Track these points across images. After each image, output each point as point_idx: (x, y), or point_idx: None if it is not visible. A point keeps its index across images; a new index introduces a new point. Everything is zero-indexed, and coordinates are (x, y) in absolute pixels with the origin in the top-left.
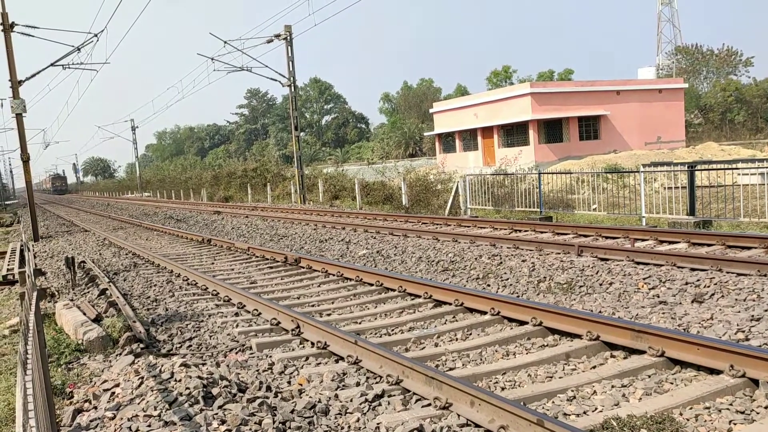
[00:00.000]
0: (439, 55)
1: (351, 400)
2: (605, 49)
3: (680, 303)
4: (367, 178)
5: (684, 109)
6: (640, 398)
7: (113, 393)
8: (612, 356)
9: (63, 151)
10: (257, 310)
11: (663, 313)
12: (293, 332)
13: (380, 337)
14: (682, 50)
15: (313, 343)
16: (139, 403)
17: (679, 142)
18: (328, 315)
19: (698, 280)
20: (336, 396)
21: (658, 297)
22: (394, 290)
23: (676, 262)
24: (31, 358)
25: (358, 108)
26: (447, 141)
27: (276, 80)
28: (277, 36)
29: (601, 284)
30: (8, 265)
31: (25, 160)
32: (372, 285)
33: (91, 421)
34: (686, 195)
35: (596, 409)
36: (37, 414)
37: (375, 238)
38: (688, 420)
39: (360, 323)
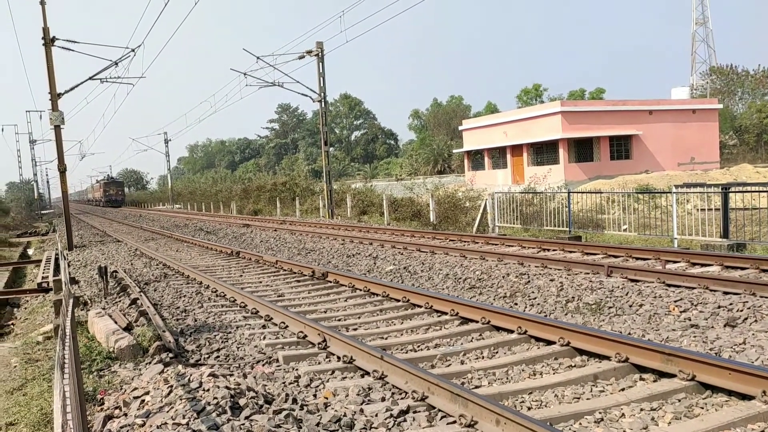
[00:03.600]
0: (470, 73)
1: (376, 415)
2: (638, 68)
3: (712, 327)
4: (396, 194)
5: (718, 130)
6: (670, 422)
7: (143, 401)
8: (641, 379)
9: (98, 162)
10: (284, 323)
11: (694, 337)
12: (320, 346)
13: (406, 353)
14: (716, 70)
15: (339, 357)
16: (168, 412)
17: (713, 164)
18: (355, 329)
19: (731, 304)
20: (361, 410)
21: (690, 320)
22: (420, 306)
23: (709, 285)
24: (67, 363)
25: (387, 124)
26: (476, 158)
27: (307, 96)
28: (309, 52)
29: (630, 306)
30: (43, 273)
31: (62, 170)
32: (398, 301)
33: (121, 427)
34: (720, 217)
35: None
36: (72, 417)
37: (402, 254)
38: None
39: (386, 339)
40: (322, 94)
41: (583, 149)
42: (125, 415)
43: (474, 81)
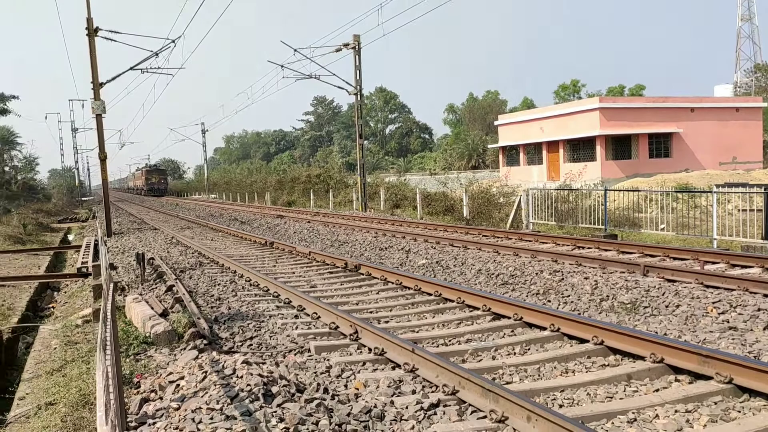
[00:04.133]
0: (506, 68)
1: (406, 408)
2: (681, 65)
3: (751, 329)
4: (429, 189)
5: (762, 129)
6: (705, 425)
7: (178, 385)
8: (676, 380)
9: (137, 151)
10: (316, 314)
11: (732, 339)
12: (351, 337)
13: (437, 347)
14: (761, 68)
15: (370, 349)
16: (202, 397)
17: (755, 163)
18: (386, 322)
19: None
20: (392, 402)
21: (728, 322)
22: (452, 301)
23: (749, 287)
24: (109, 345)
25: (422, 118)
26: (511, 154)
27: (343, 88)
28: (346, 45)
29: (667, 306)
30: (83, 258)
31: (103, 158)
32: (431, 295)
33: (156, 410)
34: (762, 218)
35: None
36: (113, 398)
37: (435, 248)
38: None
39: (417, 332)
40: (358, 87)
41: (620, 146)
42: (161, 398)
43: (511, 76)
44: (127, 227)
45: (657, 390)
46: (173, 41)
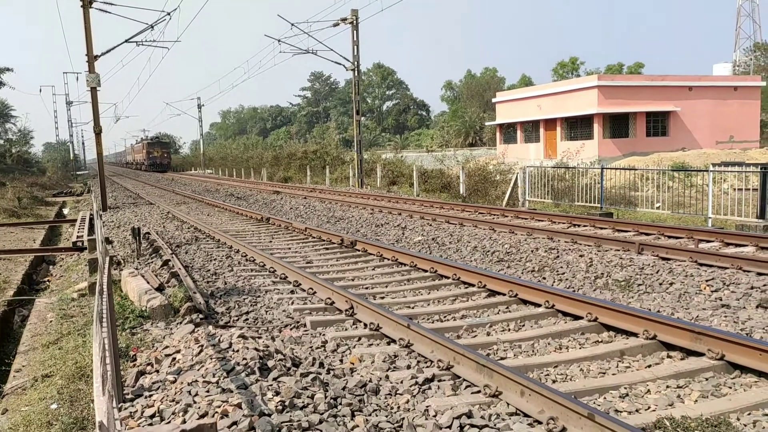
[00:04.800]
0: (505, 45)
1: (401, 382)
2: (680, 44)
3: (744, 307)
4: (426, 166)
5: (760, 109)
6: (696, 400)
7: (174, 358)
8: (668, 356)
9: (132, 125)
10: (312, 289)
11: (725, 317)
12: (347, 312)
13: (432, 322)
14: (761, 47)
15: (366, 324)
16: (198, 370)
17: (752, 143)
18: (382, 298)
19: (765, 285)
20: (387, 377)
21: (721, 300)
22: (448, 277)
23: (742, 265)
24: (105, 317)
25: (419, 95)
26: (508, 132)
27: (340, 64)
28: (344, 20)
29: (661, 284)
30: (78, 232)
31: (98, 132)
32: (426, 271)
33: (153, 383)
34: (757, 197)
35: (649, 407)
36: (109, 369)
37: (431, 225)
38: (745, 425)
39: (413, 308)
40: (356, 62)
41: (618, 125)
42: (157, 371)
43: (509, 53)
44: (123, 202)
45: (649, 366)
46: (169, 14)
